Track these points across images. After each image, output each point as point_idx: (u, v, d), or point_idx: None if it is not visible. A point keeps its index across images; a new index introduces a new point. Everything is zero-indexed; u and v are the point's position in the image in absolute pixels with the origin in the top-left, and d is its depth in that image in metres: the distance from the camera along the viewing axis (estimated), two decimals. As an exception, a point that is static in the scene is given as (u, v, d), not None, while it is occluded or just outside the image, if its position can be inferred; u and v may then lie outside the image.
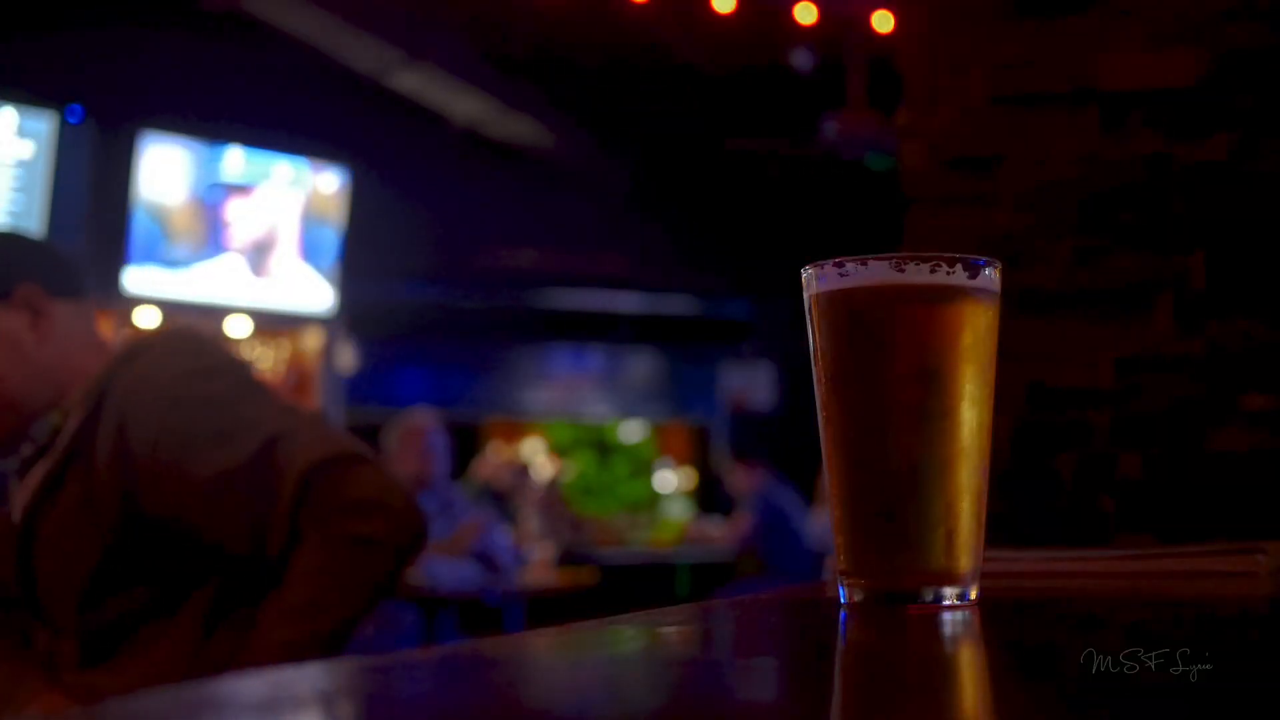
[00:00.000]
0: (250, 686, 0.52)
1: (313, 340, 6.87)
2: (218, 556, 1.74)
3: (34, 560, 1.76)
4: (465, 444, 7.66)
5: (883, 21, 6.18)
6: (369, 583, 1.71)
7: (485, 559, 5.03)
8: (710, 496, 10.54)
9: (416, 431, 5.26)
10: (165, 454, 1.70)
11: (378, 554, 1.70)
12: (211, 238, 6.33)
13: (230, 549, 1.73)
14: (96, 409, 1.74)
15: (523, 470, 8.36)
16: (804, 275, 0.85)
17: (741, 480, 7.56)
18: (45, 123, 5.70)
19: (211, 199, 6.31)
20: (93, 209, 5.94)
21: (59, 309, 1.79)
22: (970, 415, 0.80)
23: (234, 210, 6.37)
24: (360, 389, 7.89)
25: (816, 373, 0.84)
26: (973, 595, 0.80)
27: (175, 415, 1.73)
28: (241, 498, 1.69)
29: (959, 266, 0.80)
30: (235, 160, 6.40)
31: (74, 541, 1.74)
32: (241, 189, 6.38)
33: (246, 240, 6.42)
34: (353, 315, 7.05)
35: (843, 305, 0.82)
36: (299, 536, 1.69)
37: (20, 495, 1.80)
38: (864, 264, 0.81)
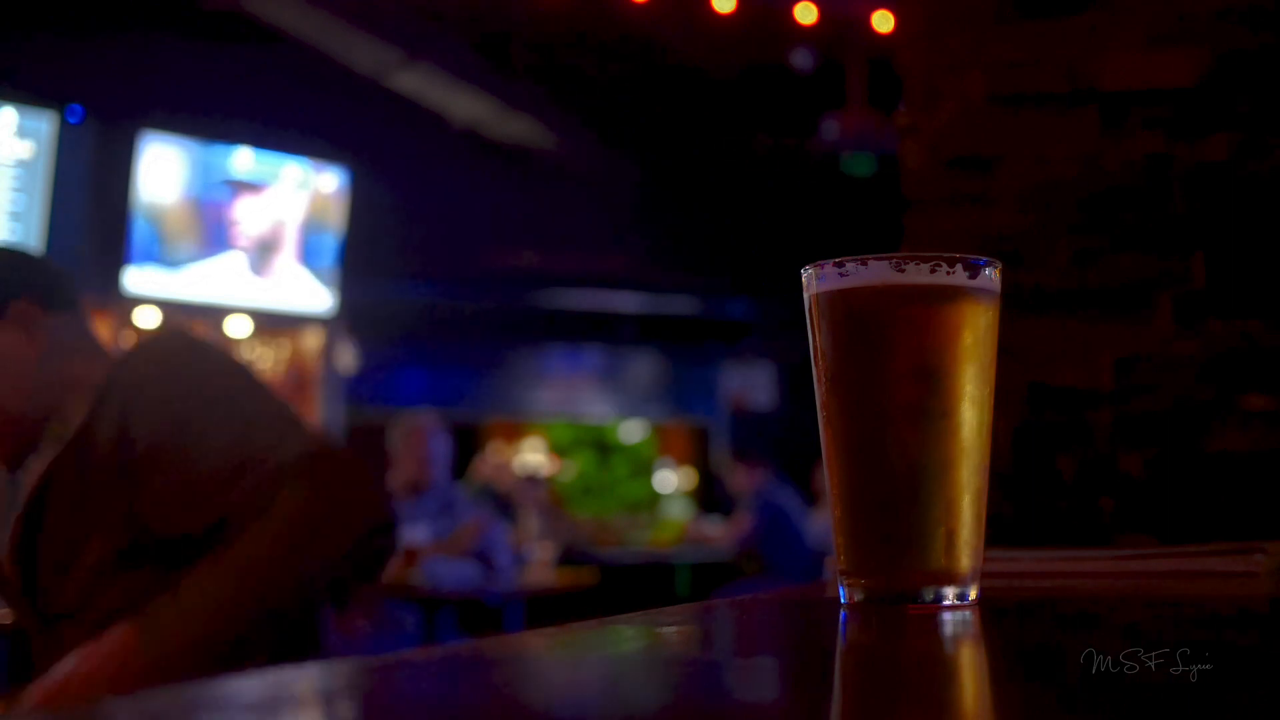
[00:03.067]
0: (250, 686, 0.52)
1: (313, 340, 6.87)
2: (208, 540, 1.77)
3: (37, 549, 1.79)
4: (465, 444, 7.65)
5: (883, 21, 6.19)
6: (338, 543, 1.72)
7: (485, 558, 5.03)
8: (710, 496, 10.54)
9: (418, 433, 5.27)
10: (169, 444, 1.74)
11: (350, 515, 1.72)
12: (212, 237, 6.33)
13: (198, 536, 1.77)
14: (99, 405, 1.77)
15: (528, 478, 8.40)
16: (804, 275, 0.85)
17: (742, 480, 7.56)
18: (45, 123, 5.70)
19: (220, 196, 6.31)
20: (93, 209, 5.94)
21: (54, 322, 1.82)
22: (970, 415, 0.80)
23: (242, 208, 6.37)
24: (360, 389, 7.89)
25: (816, 373, 0.84)
26: (973, 595, 0.80)
27: (178, 409, 1.77)
28: (231, 494, 1.73)
29: (959, 266, 0.80)
30: (245, 159, 6.40)
31: (79, 530, 1.77)
32: (251, 186, 6.38)
33: (252, 238, 6.42)
34: (353, 315, 7.05)
35: (842, 305, 0.82)
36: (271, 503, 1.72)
37: (21, 490, 1.82)
38: (864, 264, 0.81)
